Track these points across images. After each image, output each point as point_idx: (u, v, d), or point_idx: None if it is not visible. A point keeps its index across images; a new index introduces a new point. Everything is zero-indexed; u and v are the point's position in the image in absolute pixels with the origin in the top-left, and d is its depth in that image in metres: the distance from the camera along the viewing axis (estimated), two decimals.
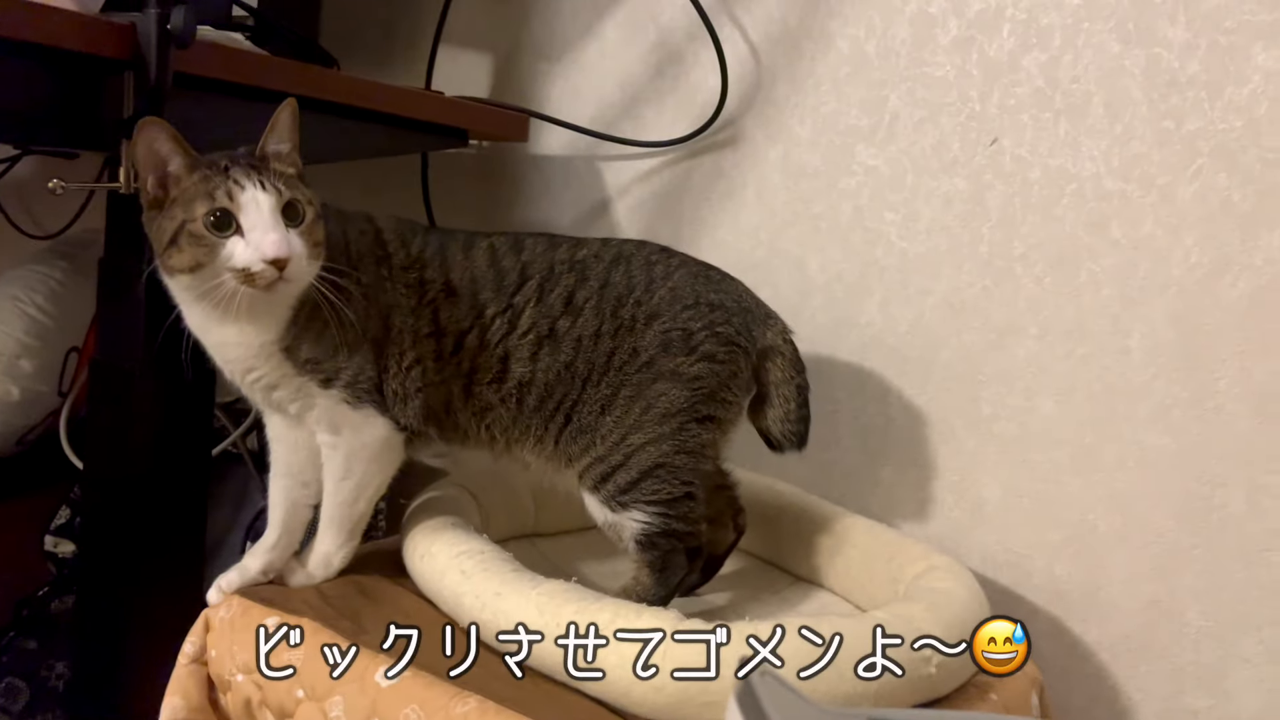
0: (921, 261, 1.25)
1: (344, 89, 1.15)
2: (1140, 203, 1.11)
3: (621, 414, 0.98)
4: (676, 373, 0.98)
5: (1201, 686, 1.10)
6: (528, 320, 0.99)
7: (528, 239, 1.05)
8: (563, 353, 0.99)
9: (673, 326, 0.99)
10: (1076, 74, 1.14)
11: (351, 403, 0.96)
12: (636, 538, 0.99)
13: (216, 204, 0.87)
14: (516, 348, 0.99)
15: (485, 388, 1.00)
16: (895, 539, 1.12)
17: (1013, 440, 1.20)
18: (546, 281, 1.01)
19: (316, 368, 0.95)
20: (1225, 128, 1.06)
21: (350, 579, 1.03)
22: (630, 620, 0.84)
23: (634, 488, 0.98)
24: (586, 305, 1.00)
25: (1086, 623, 1.17)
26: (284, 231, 0.87)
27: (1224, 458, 1.08)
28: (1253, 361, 1.06)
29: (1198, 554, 1.10)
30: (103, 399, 1.11)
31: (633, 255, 1.04)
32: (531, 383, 0.99)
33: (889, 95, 1.27)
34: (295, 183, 0.91)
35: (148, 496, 1.08)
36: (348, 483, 1.00)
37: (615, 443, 0.98)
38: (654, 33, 1.45)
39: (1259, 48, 1.04)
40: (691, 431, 0.99)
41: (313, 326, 0.94)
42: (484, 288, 1.00)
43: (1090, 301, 1.15)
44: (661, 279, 1.02)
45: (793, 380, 1.04)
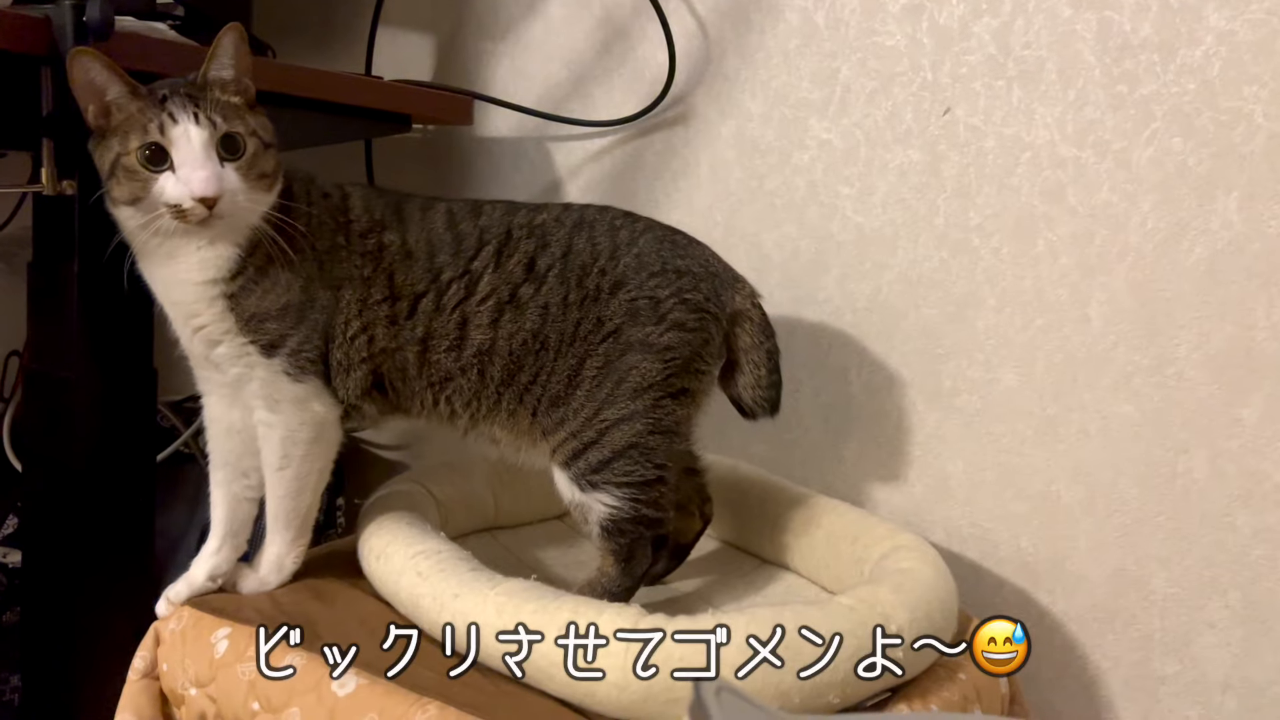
0: (878, 235, 1.24)
1: (277, 77, 1.11)
2: (1096, 169, 1.10)
3: (592, 387, 0.96)
4: (646, 343, 0.96)
5: (1169, 652, 1.10)
6: (486, 285, 0.97)
7: (486, 204, 1.02)
8: (528, 320, 0.96)
9: (639, 294, 0.97)
10: (1028, 39, 1.12)
11: (293, 374, 0.94)
12: (603, 523, 0.97)
13: (149, 138, 0.85)
14: (475, 314, 0.96)
15: (443, 355, 0.97)
16: (860, 519, 1.10)
17: (975, 413, 1.19)
18: (505, 246, 0.98)
19: (261, 328, 0.92)
20: (1179, 90, 1.05)
21: (305, 583, 1.01)
22: (590, 617, 0.82)
23: (605, 467, 0.95)
24: (549, 273, 0.97)
25: (1054, 594, 1.16)
26: (216, 167, 0.86)
27: (1185, 424, 1.07)
28: (1211, 326, 1.05)
29: (1162, 521, 1.10)
30: (38, 407, 1.08)
31: (595, 220, 1.01)
32: (493, 350, 0.96)
33: (840, 66, 1.24)
34: (238, 113, 0.88)
35: (90, 505, 1.05)
36: (287, 472, 0.97)
37: (588, 418, 0.96)
38: (599, 8, 1.42)
39: (1211, 8, 1.03)
40: (666, 408, 0.97)
41: (263, 280, 0.92)
42: (441, 250, 0.97)
43: (1048, 271, 1.13)
44: (626, 245, 0.99)
45: (762, 345, 1.02)
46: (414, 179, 1.60)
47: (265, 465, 0.97)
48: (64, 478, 1.05)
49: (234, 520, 1.00)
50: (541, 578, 0.91)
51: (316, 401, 0.96)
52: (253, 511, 1.01)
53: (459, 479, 1.19)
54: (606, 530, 0.97)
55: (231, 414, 0.98)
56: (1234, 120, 1.03)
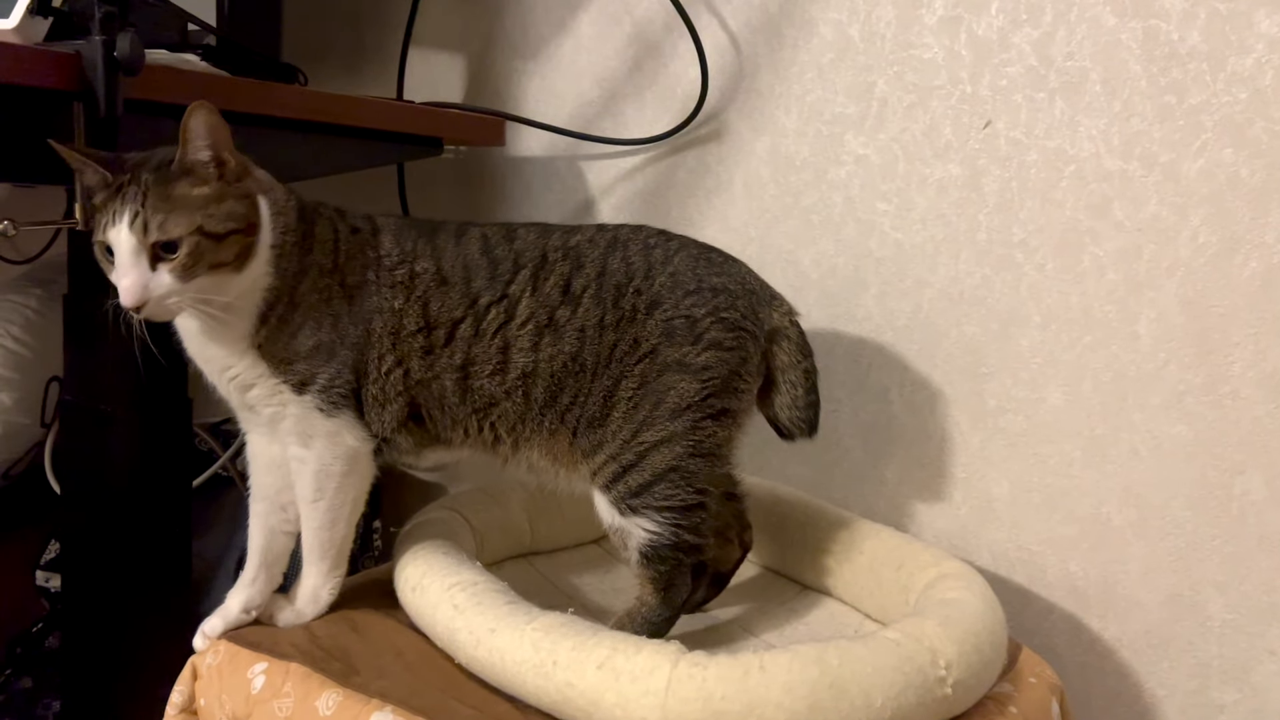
0: (918, 252, 1.21)
1: (308, 105, 1.11)
2: (1143, 182, 1.07)
3: (629, 409, 0.95)
4: (684, 363, 0.95)
5: (1228, 681, 1.07)
6: (525, 310, 0.96)
7: (520, 228, 1.01)
8: (566, 343, 0.95)
9: (675, 314, 0.96)
10: (1071, 50, 1.09)
11: (325, 410, 0.93)
12: (643, 549, 0.95)
13: (100, 235, 0.86)
14: (516, 338, 0.95)
15: (487, 380, 0.96)
16: (903, 544, 1.08)
17: (1020, 433, 1.16)
18: (540, 270, 0.97)
19: (291, 369, 0.92)
20: (1229, 100, 1.02)
21: (342, 614, 1.00)
22: (629, 655, 0.80)
23: (646, 491, 0.94)
24: (585, 294, 0.96)
25: (1105, 619, 1.13)
26: (141, 274, 0.83)
27: (1242, 444, 1.04)
28: (1267, 343, 1.02)
29: (1218, 544, 1.06)
30: (76, 438, 1.08)
31: (629, 240, 1.00)
32: (535, 374, 0.95)
33: (876, 80, 1.22)
34: (192, 207, 0.85)
35: (127, 536, 1.05)
36: (320, 504, 0.96)
37: (627, 439, 0.95)
38: (630, 25, 1.40)
39: (1262, 14, 0.99)
40: (706, 430, 0.95)
41: (289, 324, 0.92)
42: (477, 276, 0.96)
43: (1095, 287, 1.10)
44: (661, 264, 0.98)
45: (800, 364, 1.00)
46: (446, 200, 1.59)
47: (299, 498, 0.97)
48: (102, 507, 1.05)
49: (270, 552, 0.99)
50: (579, 606, 0.90)
51: (349, 435, 0.95)
52: (289, 545, 1.00)
53: (495, 505, 1.18)
54: (646, 557, 0.95)
55: (271, 449, 0.98)
56: None
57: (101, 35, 0.87)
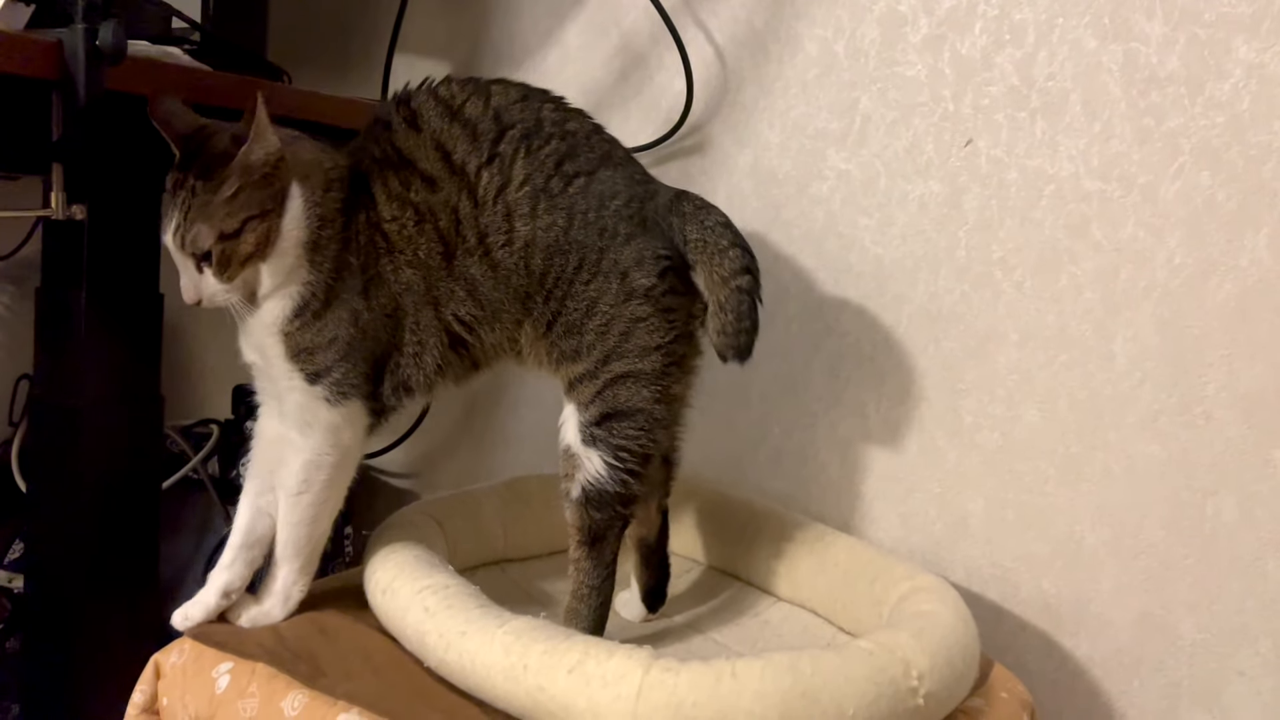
0: (897, 268, 1.21)
1: (291, 103, 1.10)
2: (1121, 203, 1.08)
3: (603, 325, 0.94)
4: (649, 295, 0.94)
5: (1197, 702, 1.07)
6: (521, 171, 0.94)
7: (493, 84, 0.98)
8: (559, 215, 0.94)
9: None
10: (1052, 71, 1.11)
11: (331, 400, 0.93)
12: (587, 487, 0.96)
13: (163, 233, 0.89)
14: (516, 203, 0.94)
15: (501, 252, 0.94)
16: (877, 557, 1.08)
17: (996, 451, 1.16)
18: (534, 135, 0.95)
19: (309, 358, 0.92)
20: (1207, 124, 1.03)
21: (310, 616, 0.98)
22: (600, 659, 0.79)
23: (610, 420, 0.94)
24: (575, 181, 0.95)
25: (1077, 637, 1.13)
26: (191, 276, 0.89)
27: (1214, 466, 1.05)
28: (1241, 366, 1.03)
29: (1190, 565, 1.06)
30: (45, 435, 1.06)
31: (624, 161, 0.99)
32: (533, 243, 0.94)
33: (859, 97, 1.23)
34: (214, 220, 0.86)
35: (94, 537, 1.03)
36: (305, 497, 0.95)
37: (599, 360, 0.95)
38: (616, 36, 1.41)
39: (1240, 41, 1.01)
40: (673, 376, 0.96)
41: (316, 323, 0.92)
42: (456, 148, 0.94)
43: (1072, 306, 1.11)
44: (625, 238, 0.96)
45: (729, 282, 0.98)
46: None
47: (283, 491, 0.96)
48: (70, 505, 1.04)
49: (252, 533, 0.97)
50: (550, 613, 0.89)
51: (348, 430, 0.95)
52: (272, 528, 0.98)
53: (468, 510, 1.17)
54: (588, 496, 0.96)
55: (277, 426, 0.97)
56: (1264, 155, 1.00)
57: (84, 23, 0.86)
